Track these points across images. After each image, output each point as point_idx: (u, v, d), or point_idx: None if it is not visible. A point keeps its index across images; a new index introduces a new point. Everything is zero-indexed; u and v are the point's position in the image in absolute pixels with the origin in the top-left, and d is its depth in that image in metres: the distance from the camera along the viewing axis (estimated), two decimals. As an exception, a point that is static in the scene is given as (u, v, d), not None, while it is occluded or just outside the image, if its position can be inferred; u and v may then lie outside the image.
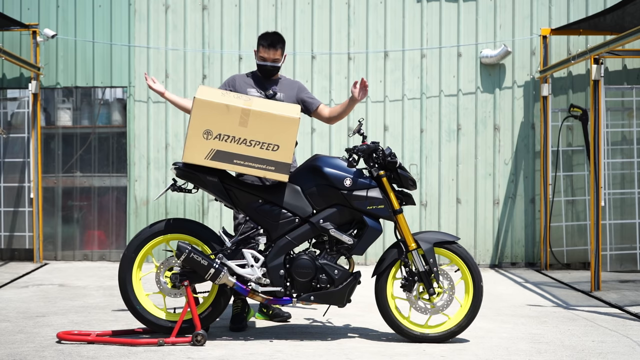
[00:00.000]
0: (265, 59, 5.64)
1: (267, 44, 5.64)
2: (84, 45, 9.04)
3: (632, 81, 8.97)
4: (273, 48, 5.64)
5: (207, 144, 5.01)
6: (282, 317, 5.87)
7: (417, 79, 9.05)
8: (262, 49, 5.65)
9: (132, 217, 9.00)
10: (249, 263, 5.14)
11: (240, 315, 5.60)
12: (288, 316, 5.90)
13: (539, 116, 8.90)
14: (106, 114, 9.14)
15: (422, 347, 5.09)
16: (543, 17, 9.02)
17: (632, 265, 8.66)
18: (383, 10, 9.05)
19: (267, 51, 5.64)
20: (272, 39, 5.67)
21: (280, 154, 5.06)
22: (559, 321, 5.99)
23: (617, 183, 8.82)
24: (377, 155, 5.22)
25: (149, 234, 5.22)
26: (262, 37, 5.71)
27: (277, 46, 5.65)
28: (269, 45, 5.64)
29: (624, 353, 4.99)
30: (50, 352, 4.81)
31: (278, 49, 5.65)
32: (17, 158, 8.94)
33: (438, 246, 5.24)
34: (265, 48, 5.64)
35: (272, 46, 5.64)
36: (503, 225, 9.03)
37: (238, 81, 5.72)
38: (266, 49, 5.64)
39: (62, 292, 7.09)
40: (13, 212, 8.92)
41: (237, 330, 5.53)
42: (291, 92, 5.73)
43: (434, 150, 9.03)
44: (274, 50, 5.64)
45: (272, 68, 5.66)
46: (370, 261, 8.80)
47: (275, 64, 5.66)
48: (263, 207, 5.18)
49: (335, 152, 8.95)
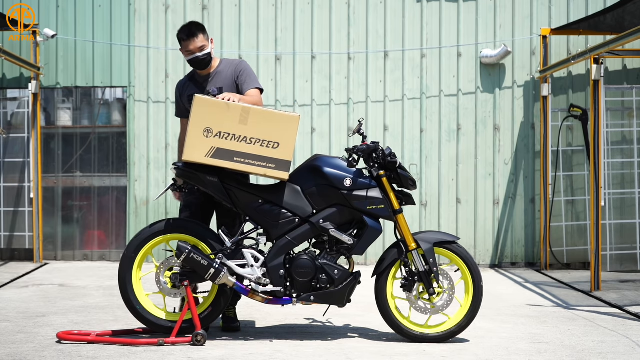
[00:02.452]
0: (192, 50, 5.42)
1: (186, 36, 5.42)
2: (84, 45, 9.04)
3: (632, 81, 8.97)
4: (194, 37, 5.40)
5: (208, 142, 5.01)
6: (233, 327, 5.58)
7: (417, 79, 9.05)
8: (184, 43, 5.42)
9: (132, 217, 9.00)
10: (249, 263, 5.14)
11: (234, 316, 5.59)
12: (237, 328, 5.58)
13: (539, 116, 8.90)
14: (106, 114, 9.14)
15: (422, 347, 5.09)
16: (543, 17, 9.02)
17: (632, 265, 8.66)
18: (383, 10, 9.05)
19: (189, 42, 5.40)
20: (189, 29, 5.45)
21: (281, 151, 5.07)
22: (559, 321, 5.99)
23: (617, 183, 8.82)
24: (377, 155, 5.21)
25: (149, 234, 5.21)
26: (179, 32, 5.49)
27: (196, 34, 5.42)
28: (189, 36, 5.41)
29: (624, 353, 4.99)
30: (50, 352, 4.81)
31: (199, 35, 5.42)
32: (17, 158, 8.94)
33: (438, 246, 5.24)
34: (186, 41, 5.42)
35: (191, 36, 5.41)
36: (503, 225, 9.03)
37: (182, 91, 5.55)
38: (187, 41, 5.41)
39: (62, 292, 7.09)
40: (13, 212, 8.92)
41: (232, 330, 5.52)
42: (229, 81, 5.49)
43: (434, 150, 9.03)
44: (194, 39, 5.40)
45: (203, 57, 5.43)
46: (370, 261, 8.80)
47: (204, 51, 5.43)
48: (263, 207, 5.18)
49: (335, 152, 8.95)
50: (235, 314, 5.61)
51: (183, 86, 5.60)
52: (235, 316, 5.60)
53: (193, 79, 5.59)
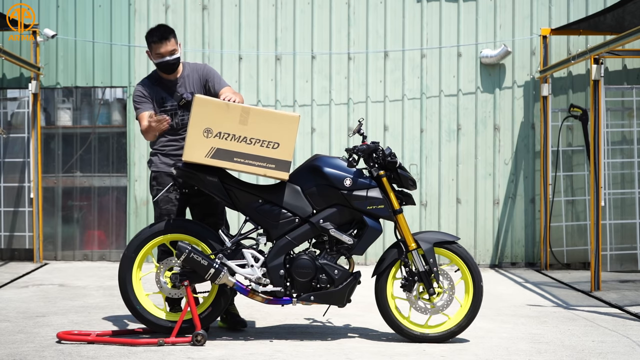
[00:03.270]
0: (162, 54, 5.35)
1: (157, 39, 5.35)
2: (84, 45, 9.04)
3: (632, 81, 8.97)
4: (165, 40, 5.35)
5: (208, 142, 5.01)
6: (239, 321, 5.61)
7: (417, 79, 9.05)
8: (154, 46, 5.35)
9: (132, 217, 9.00)
10: (249, 263, 5.14)
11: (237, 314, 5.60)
12: (244, 322, 5.61)
13: (539, 116, 8.90)
14: (106, 114, 9.14)
15: (422, 347, 5.09)
16: (543, 17, 9.02)
17: (632, 265, 8.66)
18: (383, 10, 9.05)
19: (160, 45, 5.34)
20: (160, 32, 5.37)
21: (281, 151, 5.07)
22: (559, 321, 5.99)
23: (617, 183, 8.82)
24: (377, 155, 5.21)
25: (149, 234, 5.22)
26: (149, 34, 5.40)
27: (168, 37, 5.36)
28: (160, 39, 5.34)
29: (624, 353, 4.99)
30: (50, 352, 4.81)
31: (170, 39, 5.37)
32: (17, 158, 8.94)
33: (438, 246, 5.24)
34: (157, 44, 5.34)
35: (163, 39, 5.34)
36: (503, 225, 9.02)
37: (150, 91, 5.44)
38: (158, 44, 5.34)
39: (62, 292, 7.09)
40: (13, 212, 8.92)
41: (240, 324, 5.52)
42: (198, 86, 5.45)
43: (434, 150, 9.02)
44: (166, 42, 5.35)
45: (174, 61, 5.38)
46: (370, 261, 8.80)
47: (174, 55, 5.38)
48: (263, 207, 5.18)
49: (335, 152, 8.95)
50: (236, 309, 5.62)
51: (150, 88, 5.46)
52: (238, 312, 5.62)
53: (159, 82, 5.48)
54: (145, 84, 5.50)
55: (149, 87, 5.47)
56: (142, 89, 5.47)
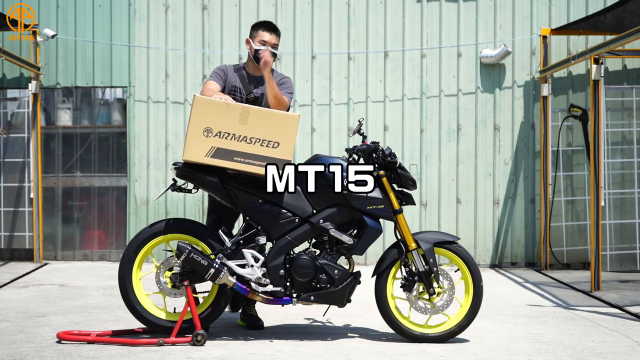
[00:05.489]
0: (267, 42, 5.45)
1: (268, 28, 5.47)
2: (84, 45, 9.04)
3: (632, 81, 8.97)
4: (275, 32, 5.49)
5: (208, 142, 5.01)
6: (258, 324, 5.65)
7: (417, 79, 9.05)
8: (263, 32, 5.44)
9: (132, 217, 9.00)
10: (249, 263, 5.14)
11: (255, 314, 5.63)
12: (262, 326, 5.65)
13: (539, 116, 8.90)
14: (106, 114, 9.14)
15: (422, 347, 5.09)
16: (543, 17, 9.02)
17: (632, 265, 8.66)
18: (383, 10, 9.05)
19: (269, 34, 5.45)
20: (272, 24, 5.52)
21: (281, 151, 5.06)
22: (559, 321, 5.99)
23: (617, 183, 8.82)
24: (377, 155, 5.22)
25: (149, 234, 5.22)
26: (259, 23, 5.53)
27: (278, 32, 5.52)
28: (271, 30, 5.47)
29: (624, 353, 4.99)
30: (50, 352, 4.81)
31: (279, 34, 5.53)
32: (17, 158, 8.94)
33: (438, 246, 5.24)
34: (267, 31, 5.45)
35: (274, 31, 5.49)
36: (503, 225, 9.02)
37: (229, 75, 5.52)
38: (269, 32, 5.45)
39: (62, 292, 7.09)
40: (13, 212, 8.92)
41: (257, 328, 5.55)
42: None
43: (434, 150, 9.03)
44: (275, 34, 5.48)
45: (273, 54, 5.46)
46: (370, 261, 8.80)
47: (275, 49, 5.48)
48: (263, 207, 5.18)
49: (335, 152, 8.95)
50: (255, 311, 5.66)
51: (231, 73, 5.53)
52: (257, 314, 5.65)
53: (240, 72, 5.55)
54: (229, 67, 5.59)
55: (230, 72, 5.54)
56: (225, 69, 5.55)
